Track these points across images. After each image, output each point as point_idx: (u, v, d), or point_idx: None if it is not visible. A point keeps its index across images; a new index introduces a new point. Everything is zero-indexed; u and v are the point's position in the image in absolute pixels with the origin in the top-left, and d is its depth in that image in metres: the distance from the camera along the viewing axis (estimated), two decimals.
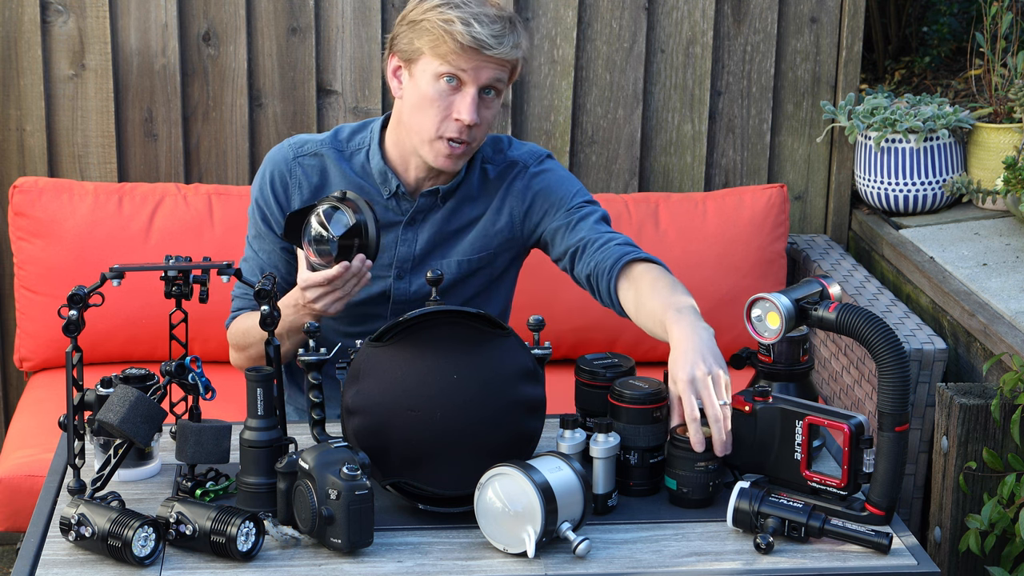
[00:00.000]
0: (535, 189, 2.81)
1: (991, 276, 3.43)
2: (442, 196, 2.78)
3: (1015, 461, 2.90)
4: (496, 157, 2.84)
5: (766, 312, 2.33)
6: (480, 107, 2.65)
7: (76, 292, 2.24)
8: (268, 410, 2.28)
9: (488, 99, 2.67)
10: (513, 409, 2.28)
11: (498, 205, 2.81)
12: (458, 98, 2.64)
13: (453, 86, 2.64)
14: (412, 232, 2.79)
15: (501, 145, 2.86)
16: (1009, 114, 3.81)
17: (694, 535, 2.28)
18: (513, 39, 2.65)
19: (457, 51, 2.61)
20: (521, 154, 2.85)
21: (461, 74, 2.63)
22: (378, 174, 2.77)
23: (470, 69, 2.63)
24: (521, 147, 2.86)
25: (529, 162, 2.84)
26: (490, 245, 2.82)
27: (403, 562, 2.17)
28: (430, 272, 2.37)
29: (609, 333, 3.69)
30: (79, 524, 2.15)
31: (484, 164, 2.82)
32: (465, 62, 2.62)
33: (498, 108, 2.71)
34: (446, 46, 2.61)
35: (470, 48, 2.61)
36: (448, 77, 2.64)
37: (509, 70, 2.68)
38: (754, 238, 3.76)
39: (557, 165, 2.87)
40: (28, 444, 3.30)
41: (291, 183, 2.78)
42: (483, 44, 2.61)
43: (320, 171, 2.78)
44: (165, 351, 2.62)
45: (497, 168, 2.83)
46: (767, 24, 3.92)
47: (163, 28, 3.73)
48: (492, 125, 2.72)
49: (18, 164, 3.76)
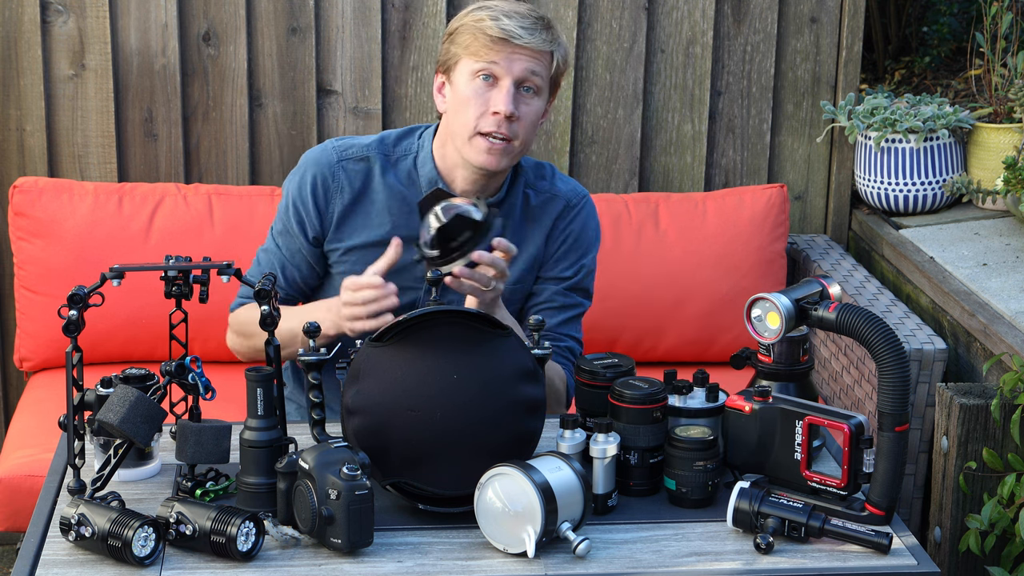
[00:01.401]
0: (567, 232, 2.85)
1: (991, 276, 3.43)
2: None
3: (1015, 461, 2.90)
4: (539, 184, 2.85)
5: (766, 312, 2.33)
6: (518, 102, 2.68)
7: (76, 292, 2.24)
8: (268, 410, 2.28)
9: (526, 96, 2.69)
10: (513, 409, 2.28)
11: (540, 243, 2.83)
12: (494, 93, 2.68)
13: (489, 83, 2.68)
14: None
15: (544, 172, 2.87)
16: (1009, 114, 3.81)
17: (694, 535, 2.28)
18: (546, 34, 2.69)
19: (488, 45, 2.66)
20: (565, 191, 2.86)
21: (494, 68, 2.67)
22: (427, 182, 2.77)
23: (502, 61, 2.66)
24: (565, 183, 2.87)
25: (573, 201, 2.85)
26: (525, 281, 2.83)
27: (403, 562, 2.17)
28: (429, 272, 2.37)
29: (609, 333, 3.69)
30: (79, 524, 2.15)
31: (527, 188, 2.83)
32: (496, 54, 2.66)
33: (540, 108, 2.72)
34: (478, 42, 2.67)
35: (500, 39, 2.65)
36: (484, 75, 2.68)
37: (546, 64, 2.70)
38: (754, 238, 3.76)
39: (592, 209, 2.89)
40: (28, 444, 3.30)
41: (333, 187, 2.78)
42: (511, 34, 2.65)
43: (364, 176, 2.78)
44: (165, 351, 2.62)
45: (540, 197, 2.84)
46: (767, 24, 3.92)
47: (163, 28, 3.73)
48: (536, 125, 2.72)
49: (18, 164, 3.76)
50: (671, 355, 3.74)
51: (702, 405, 2.42)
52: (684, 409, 2.42)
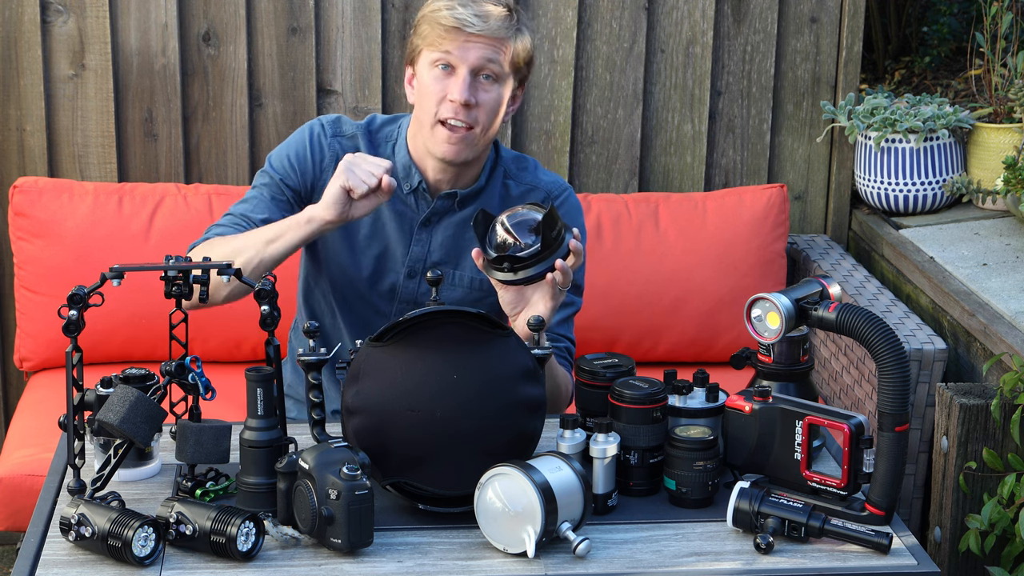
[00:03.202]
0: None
1: (991, 276, 3.43)
2: (459, 200, 2.79)
3: (1015, 461, 2.90)
4: (520, 175, 2.85)
5: (766, 312, 2.33)
6: (476, 90, 2.69)
7: (76, 292, 2.24)
8: (268, 410, 2.28)
9: (485, 83, 2.70)
10: (513, 409, 2.28)
11: None
12: (451, 81, 2.69)
13: (447, 72, 2.70)
14: (427, 233, 2.80)
15: (526, 165, 2.87)
16: (1009, 114, 3.81)
17: (694, 535, 2.28)
18: (503, 21, 2.69)
19: (443, 35, 2.68)
20: (547, 182, 2.86)
21: (449, 57, 2.68)
22: (402, 168, 2.80)
23: (456, 50, 2.68)
24: (547, 175, 2.88)
25: (555, 192, 2.85)
26: None
27: (403, 562, 2.17)
28: (430, 272, 2.37)
29: (609, 333, 3.69)
30: (79, 524, 2.15)
31: (507, 179, 2.84)
32: (450, 44, 2.68)
33: (500, 94, 2.72)
34: (434, 32, 2.69)
35: (453, 28, 2.67)
36: (442, 64, 2.70)
37: (504, 52, 2.70)
38: (754, 238, 3.76)
39: (576, 202, 2.89)
40: (28, 444, 3.30)
41: (328, 156, 2.80)
42: (464, 23, 2.67)
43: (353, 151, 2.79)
44: (165, 351, 2.61)
45: (521, 187, 2.84)
46: (767, 24, 3.92)
47: (163, 28, 3.73)
48: (497, 112, 2.72)
49: (18, 164, 3.76)
50: (671, 355, 3.74)
51: (702, 405, 2.42)
52: (684, 409, 2.42)
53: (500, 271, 2.51)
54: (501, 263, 2.50)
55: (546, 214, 2.47)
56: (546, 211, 2.48)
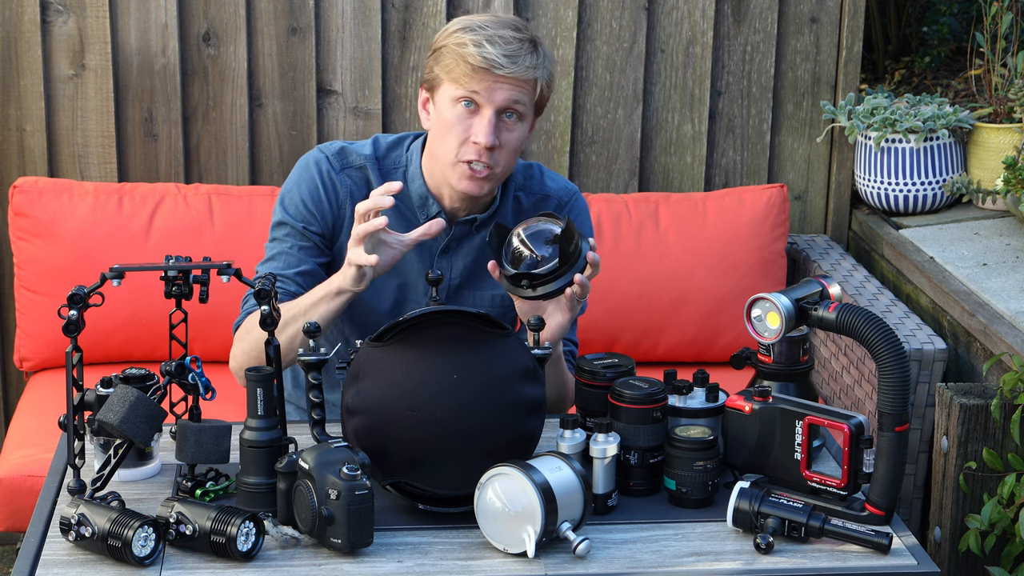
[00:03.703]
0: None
1: (991, 276, 3.43)
2: (478, 225, 2.75)
3: (1015, 461, 2.90)
4: (529, 185, 2.81)
5: (766, 312, 2.33)
6: (500, 130, 2.62)
7: (76, 292, 2.24)
8: (268, 410, 2.28)
9: (509, 122, 2.63)
10: (513, 409, 2.28)
11: None
12: (476, 121, 2.61)
13: (471, 109, 2.61)
14: (447, 260, 2.76)
15: (532, 172, 2.83)
16: (1009, 114, 3.81)
17: (694, 535, 2.28)
18: (531, 60, 2.61)
19: (469, 73, 2.59)
20: (555, 188, 2.83)
21: (475, 96, 2.60)
22: (418, 198, 2.73)
23: (483, 91, 2.60)
24: (554, 180, 2.84)
25: (564, 199, 2.83)
26: None
27: (403, 562, 2.17)
28: (430, 272, 2.36)
29: (609, 333, 3.69)
30: (79, 524, 2.15)
31: (517, 192, 2.80)
32: (478, 83, 2.59)
33: (523, 134, 2.66)
34: (459, 69, 2.60)
35: (481, 69, 2.58)
36: (465, 101, 2.61)
37: (529, 91, 2.63)
38: (754, 238, 3.76)
39: (583, 205, 2.86)
40: (28, 444, 3.30)
41: (343, 192, 2.73)
42: (494, 64, 2.58)
43: (365, 185, 2.74)
44: (165, 351, 2.61)
45: (531, 199, 2.80)
46: (767, 24, 3.92)
47: (163, 28, 3.73)
48: (518, 150, 2.67)
49: (18, 164, 3.76)
50: (671, 355, 3.74)
51: (702, 405, 2.42)
52: (684, 409, 2.42)
53: (519, 288, 2.50)
54: (520, 280, 2.49)
55: (564, 229, 2.46)
56: (563, 225, 2.47)
